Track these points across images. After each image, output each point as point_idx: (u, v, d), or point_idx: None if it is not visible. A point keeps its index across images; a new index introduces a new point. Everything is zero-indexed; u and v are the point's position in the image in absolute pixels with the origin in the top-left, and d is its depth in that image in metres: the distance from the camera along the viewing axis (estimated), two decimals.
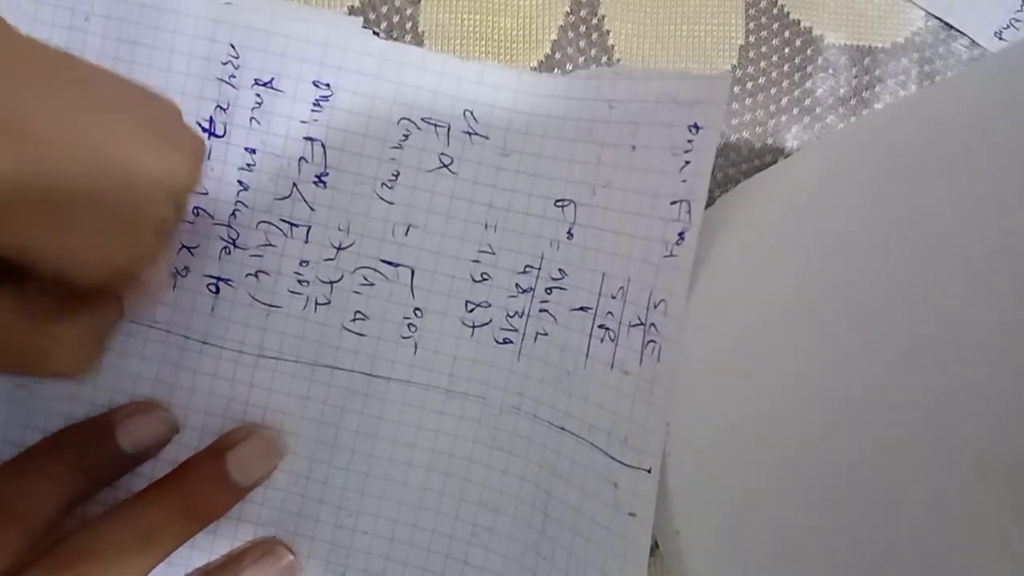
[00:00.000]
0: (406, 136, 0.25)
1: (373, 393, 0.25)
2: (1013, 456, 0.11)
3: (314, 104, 0.24)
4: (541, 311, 0.25)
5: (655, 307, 0.22)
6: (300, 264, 0.25)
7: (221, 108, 0.24)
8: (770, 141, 0.28)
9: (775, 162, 0.28)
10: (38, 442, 0.23)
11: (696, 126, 0.22)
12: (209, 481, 0.23)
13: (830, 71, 0.28)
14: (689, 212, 0.22)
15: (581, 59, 0.27)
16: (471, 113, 0.25)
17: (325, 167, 0.25)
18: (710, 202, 0.24)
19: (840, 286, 0.16)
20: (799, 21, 0.28)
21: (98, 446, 0.23)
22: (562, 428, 0.24)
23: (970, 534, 0.12)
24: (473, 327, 0.25)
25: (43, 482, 0.22)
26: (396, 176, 0.25)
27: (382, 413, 0.25)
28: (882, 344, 0.14)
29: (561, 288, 0.25)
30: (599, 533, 0.23)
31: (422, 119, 0.25)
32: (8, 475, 0.22)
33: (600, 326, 0.24)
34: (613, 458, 0.23)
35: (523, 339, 0.25)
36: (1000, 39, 0.28)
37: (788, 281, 0.19)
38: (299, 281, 0.25)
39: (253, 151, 0.25)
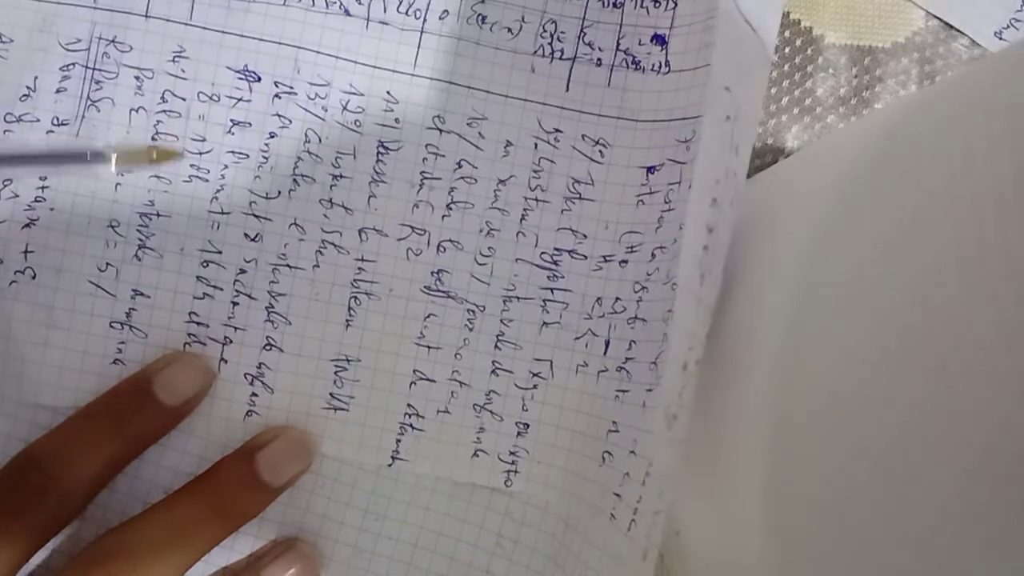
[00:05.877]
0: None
1: None
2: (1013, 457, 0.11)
3: None
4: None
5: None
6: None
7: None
8: (770, 141, 0.28)
9: (775, 162, 0.28)
10: (77, 410, 0.23)
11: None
12: (239, 481, 0.23)
13: (830, 71, 0.28)
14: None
15: None
16: None
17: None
18: None
19: (840, 285, 0.16)
20: (799, 21, 0.28)
21: (137, 403, 0.23)
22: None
23: (971, 535, 0.12)
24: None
25: (81, 444, 0.22)
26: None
27: None
28: (882, 344, 0.14)
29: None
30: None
31: None
32: (46, 441, 0.22)
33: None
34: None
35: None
36: (1000, 39, 0.28)
37: (787, 280, 0.19)
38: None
39: None
